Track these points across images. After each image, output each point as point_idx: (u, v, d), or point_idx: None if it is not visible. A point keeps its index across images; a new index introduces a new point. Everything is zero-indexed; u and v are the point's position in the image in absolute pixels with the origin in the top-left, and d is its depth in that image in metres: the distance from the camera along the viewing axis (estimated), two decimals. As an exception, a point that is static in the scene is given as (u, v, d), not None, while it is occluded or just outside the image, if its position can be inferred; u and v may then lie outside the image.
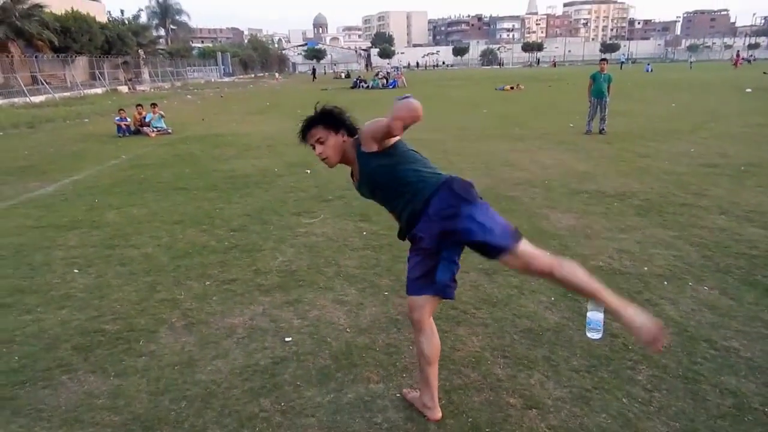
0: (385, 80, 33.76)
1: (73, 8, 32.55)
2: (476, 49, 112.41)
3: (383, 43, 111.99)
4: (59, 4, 30.90)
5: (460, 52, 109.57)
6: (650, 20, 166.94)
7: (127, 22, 45.48)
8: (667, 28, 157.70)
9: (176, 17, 66.40)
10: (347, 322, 3.22)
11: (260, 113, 18.11)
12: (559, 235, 4.64)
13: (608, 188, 6.19)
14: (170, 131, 12.86)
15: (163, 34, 63.78)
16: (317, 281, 3.82)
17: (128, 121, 12.78)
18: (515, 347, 2.87)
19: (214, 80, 51.62)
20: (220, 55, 61.90)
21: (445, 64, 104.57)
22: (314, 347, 2.94)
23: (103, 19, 39.96)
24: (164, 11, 64.41)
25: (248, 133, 12.51)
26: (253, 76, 65.68)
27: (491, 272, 3.84)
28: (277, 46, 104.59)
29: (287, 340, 3.03)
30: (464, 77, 45.63)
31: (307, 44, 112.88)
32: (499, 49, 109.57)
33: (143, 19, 56.54)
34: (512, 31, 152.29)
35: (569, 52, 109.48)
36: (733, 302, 3.28)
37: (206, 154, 9.67)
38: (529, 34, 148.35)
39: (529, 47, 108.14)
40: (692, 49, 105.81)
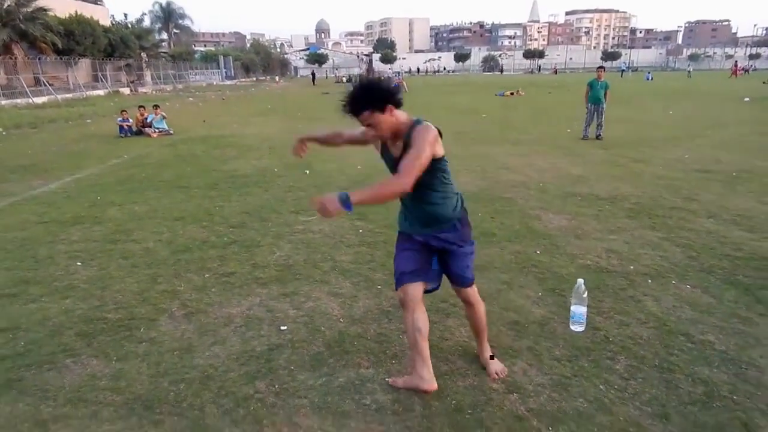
0: (386, 85, 33.91)
1: (77, 12, 32.86)
2: (478, 55, 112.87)
3: (385, 48, 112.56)
4: (63, 7, 31.20)
5: (461, 58, 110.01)
6: (652, 29, 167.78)
7: (130, 25, 45.79)
8: (668, 37, 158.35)
9: (179, 21, 66.87)
10: (341, 312, 3.34)
11: (261, 115, 18.27)
12: (550, 235, 4.76)
13: (601, 191, 6.32)
14: (172, 132, 13.01)
15: (166, 37, 64.16)
16: (313, 275, 3.94)
17: (130, 122, 12.93)
18: (501, 338, 2.99)
19: (215, 83, 51.89)
20: (222, 58, 62.24)
21: (446, 70, 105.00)
22: (308, 335, 3.06)
23: (106, 22, 40.22)
24: (167, 15, 64.85)
25: (249, 134, 12.66)
26: (254, 79, 66.03)
27: (482, 269, 3.96)
28: (279, 50, 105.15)
29: (283, 328, 3.15)
30: (465, 83, 45.89)
31: (309, 49, 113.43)
32: (500, 55, 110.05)
33: (146, 22, 56.91)
34: (514, 38, 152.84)
35: (570, 59, 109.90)
36: (713, 300, 3.40)
37: (207, 154, 9.81)
38: (530, 41, 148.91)
39: (530, 54, 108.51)
40: (693, 58, 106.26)
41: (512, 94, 26.69)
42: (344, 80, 50.79)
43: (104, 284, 3.85)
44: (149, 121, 12.97)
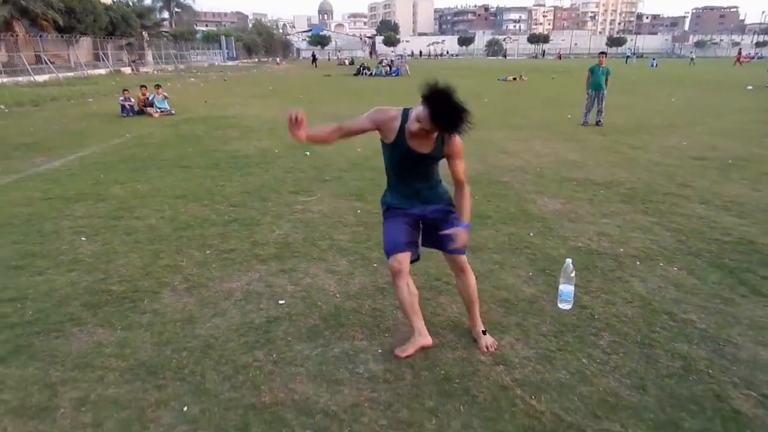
0: (388, 68, 33.82)
1: (78, -11, 32.52)
2: (482, 39, 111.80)
3: (388, 31, 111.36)
4: (64, -16, 30.85)
5: (465, 41, 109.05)
6: (658, 15, 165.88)
7: (131, 4, 45.33)
8: (675, 23, 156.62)
9: (181, 0, 66.12)
10: (337, 288, 3.46)
11: (263, 97, 18.26)
12: (543, 218, 4.86)
13: (597, 177, 6.41)
14: (173, 112, 13.05)
15: (167, 16, 63.51)
16: (311, 253, 4.06)
17: (132, 101, 12.96)
18: (491, 314, 3.10)
19: (217, 64, 51.55)
20: (224, 38, 61.71)
21: (449, 53, 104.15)
22: (305, 309, 3.18)
23: (107, 0, 39.85)
24: (169, -6, 64.11)
25: (250, 115, 12.70)
26: (256, 60, 65.57)
27: (476, 249, 4.07)
28: (281, 31, 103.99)
29: (281, 302, 3.27)
30: (468, 67, 45.59)
31: (311, 30, 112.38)
32: (504, 39, 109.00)
33: (148, 1, 56.19)
34: (519, 22, 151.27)
35: (575, 44, 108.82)
36: (697, 281, 3.51)
37: (208, 134, 9.87)
38: (535, 25, 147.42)
39: (535, 39, 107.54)
40: (699, 45, 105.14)
41: (515, 79, 26.57)
42: (346, 63, 50.49)
43: (108, 258, 3.96)
44: (151, 100, 13.00)
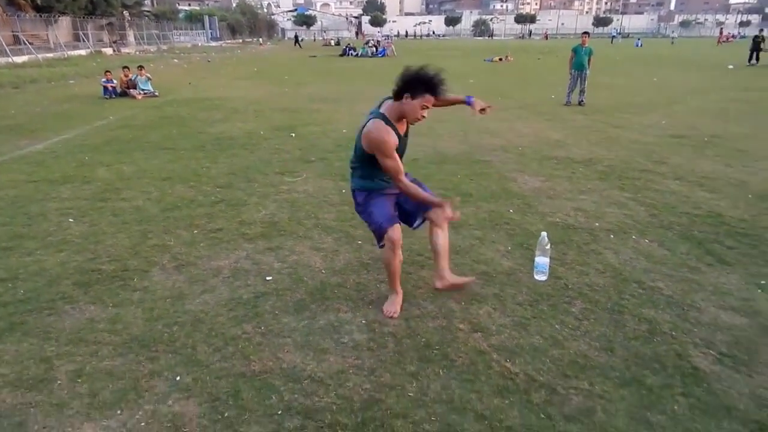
0: (374, 49, 33.59)
1: (55, -34, 31.66)
2: (469, 19, 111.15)
3: (375, 11, 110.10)
4: (40, -39, 30.05)
5: (452, 22, 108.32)
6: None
7: (110, -19, 44.22)
8: (661, 3, 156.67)
9: (162, -22, 64.65)
10: (323, 265, 3.57)
11: (248, 78, 18.12)
12: (523, 195, 5.00)
13: (577, 155, 6.56)
14: (157, 94, 12.94)
15: (148, -5, 62.16)
16: (297, 231, 4.16)
17: (114, 83, 12.81)
18: (470, 287, 3.24)
19: (201, 44, 50.68)
20: (207, 18, 60.60)
21: (435, 33, 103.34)
22: (292, 285, 3.29)
23: (86, -22, 38.84)
24: (149, -28, 62.60)
25: (235, 97, 12.63)
26: (241, 41, 64.56)
27: (457, 226, 4.19)
28: (266, 11, 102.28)
29: (268, 279, 3.37)
30: (455, 47, 45.42)
31: (296, 10, 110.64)
32: (491, 20, 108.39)
33: (128, -21, 54.89)
34: (506, 2, 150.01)
35: (562, 24, 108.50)
36: (667, 252, 3.68)
37: (193, 116, 9.84)
38: (522, 5, 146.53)
39: (522, 19, 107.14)
40: (684, 25, 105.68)
41: (501, 59, 26.57)
42: (332, 43, 49.95)
43: (97, 239, 4.03)
44: (134, 81, 12.86)
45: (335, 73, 20.61)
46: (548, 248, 3.28)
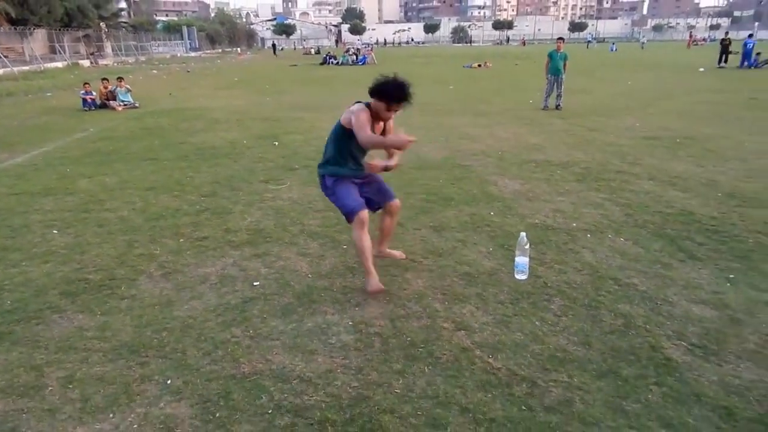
0: (354, 57, 33.78)
1: (29, -22, 31.29)
2: (447, 26, 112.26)
3: (354, 19, 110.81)
4: (14, -27, 29.67)
5: (431, 29, 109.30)
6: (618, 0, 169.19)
7: (87, -7, 43.79)
8: (634, 7, 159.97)
9: (139, -11, 64.24)
10: (309, 269, 3.64)
11: (228, 88, 18.10)
12: (503, 198, 5.13)
13: (554, 158, 6.73)
14: (137, 105, 12.88)
15: (125, 6, 61.61)
16: (283, 237, 4.22)
17: (93, 95, 12.71)
18: (453, 287, 3.34)
19: (180, 55, 50.44)
20: (185, 29, 60.31)
21: (414, 41, 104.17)
22: (279, 289, 3.35)
23: (61, -11, 38.42)
24: (126, -18, 62.12)
25: (216, 107, 12.63)
26: (220, 51, 64.40)
27: (440, 229, 4.31)
28: (245, 20, 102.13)
29: (255, 284, 3.43)
30: (434, 54, 45.85)
31: (276, 19, 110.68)
32: (470, 26, 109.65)
33: (104, -10, 54.40)
34: (483, 8, 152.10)
35: (539, 30, 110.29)
36: (641, 250, 3.83)
37: (174, 127, 9.82)
38: (500, 11, 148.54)
39: (499, 25, 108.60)
40: (657, 29, 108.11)
41: (479, 66, 26.94)
42: (312, 52, 50.05)
43: (82, 250, 4.04)
44: (114, 92, 12.78)
45: (316, 81, 20.69)
46: (527, 248, 3.39)
